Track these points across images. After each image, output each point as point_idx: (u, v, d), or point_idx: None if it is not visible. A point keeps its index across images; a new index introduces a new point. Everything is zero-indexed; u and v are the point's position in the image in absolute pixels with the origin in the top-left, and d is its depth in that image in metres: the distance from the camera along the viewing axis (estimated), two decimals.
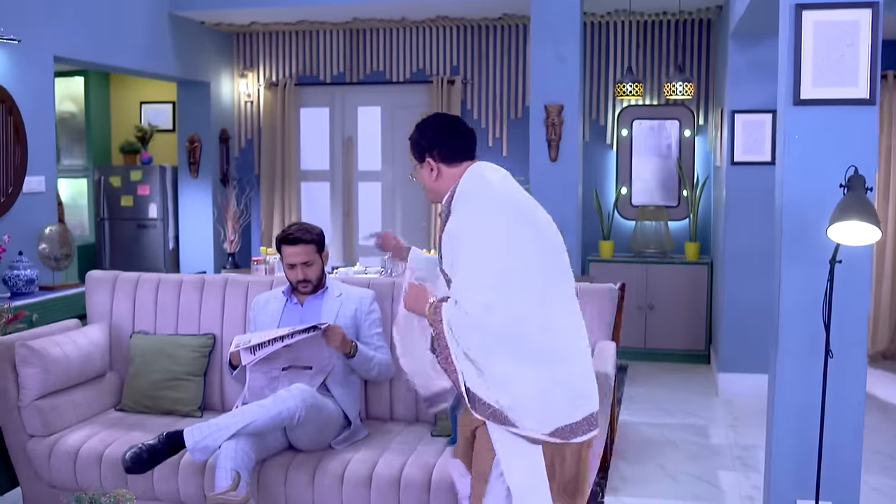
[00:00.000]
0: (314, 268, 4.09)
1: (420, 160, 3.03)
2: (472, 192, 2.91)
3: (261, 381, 3.91)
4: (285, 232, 4.09)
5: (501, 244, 2.77)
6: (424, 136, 3.01)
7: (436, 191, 3.03)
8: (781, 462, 3.73)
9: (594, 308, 4.10)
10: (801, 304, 3.65)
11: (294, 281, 4.10)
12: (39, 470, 3.96)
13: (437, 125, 3.03)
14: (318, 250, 4.11)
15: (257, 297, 4.26)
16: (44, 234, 5.96)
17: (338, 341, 3.86)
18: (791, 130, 3.64)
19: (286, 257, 4.07)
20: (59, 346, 4.10)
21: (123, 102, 9.12)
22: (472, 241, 2.78)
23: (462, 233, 2.81)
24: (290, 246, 4.05)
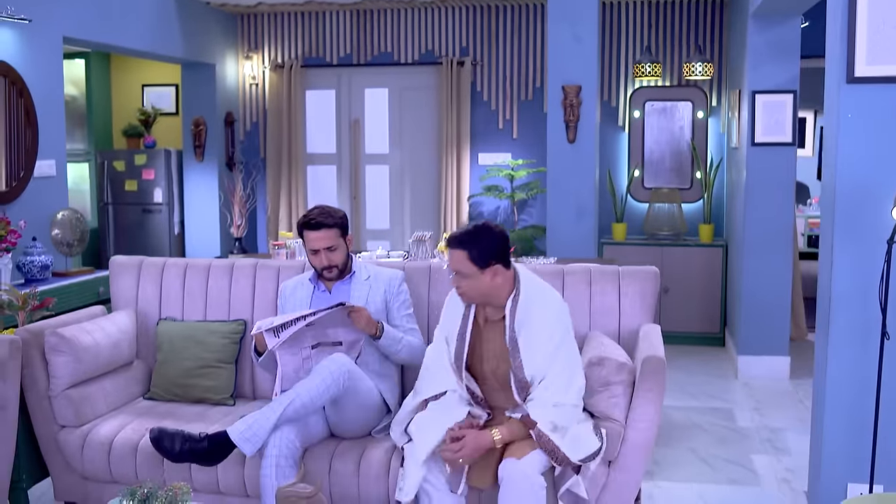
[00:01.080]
0: (338, 253, 3.92)
1: (485, 266, 3.31)
2: (538, 293, 3.42)
3: (293, 364, 3.73)
4: (307, 216, 3.90)
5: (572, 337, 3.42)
6: (489, 242, 3.33)
7: (489, 294, 3.37)
8: (833, 445, 3.68)
9: (636, 290, 4.02)
10: (855, 286, 3.59)
11: (319, 267, 3.94)
12: (71, 461, 3.85)
13: (497, 232, 3.36)
14: (342, 234, 3.94)
15: (284, 284, 4.13)
16: (56, 220, 5.83)
17: (363, 322, 3.70)
18: (844, 110, 3.57)
19: (309, 243, 3.90)
20: (89, 334, 3.99)
21: (125, 85, 8.96)
22: (564, 337, 3.36)
23: (557, 331, 3.34)
24: (312, 231, 3.87)
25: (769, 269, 6.45)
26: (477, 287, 3.36)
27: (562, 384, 3.30)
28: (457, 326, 3.49)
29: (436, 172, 8.40)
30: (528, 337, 3.33)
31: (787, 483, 4.57)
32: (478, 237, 3.33)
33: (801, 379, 6.47)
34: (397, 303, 3.97)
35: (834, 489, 3.70)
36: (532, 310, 3.36)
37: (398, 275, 4.03)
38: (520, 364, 3.33)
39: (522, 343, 3.33)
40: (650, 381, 3.38)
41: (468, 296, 3.40)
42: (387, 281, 3.98)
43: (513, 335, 3.34)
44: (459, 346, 3.46)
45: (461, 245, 3.32)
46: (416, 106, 8.44)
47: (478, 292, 3.38)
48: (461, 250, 3.32)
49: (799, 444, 5.11)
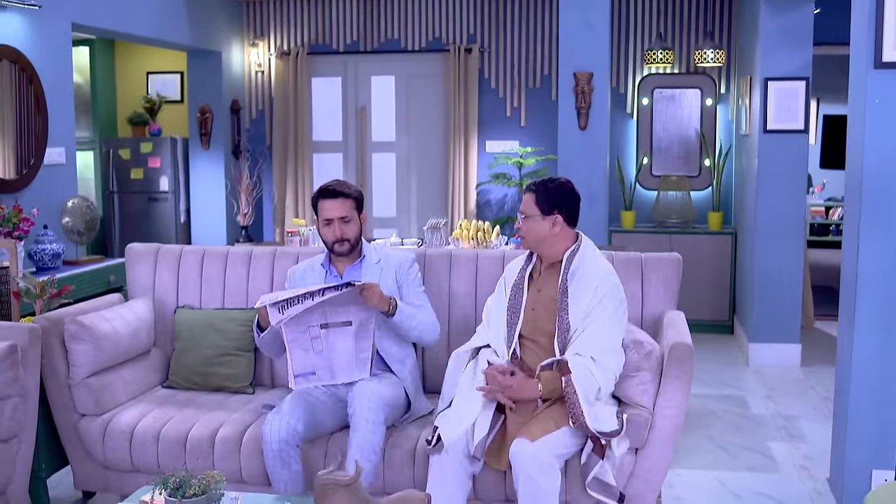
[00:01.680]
0: (352, 226, 3.82)
1: (547, 213, 3.47)
2: (599, 259, 3.53)
3: (301, 343, 3.57)
4: (324, 185, 3.86)
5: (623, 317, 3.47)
6: (558, 192, 3.49)
7: (548, 243, 3.50)
8: (857, 432, 3.67)
9: (659, 277, 4.00)
10: (882, 270, 3.57)
11: (331, 240, 3.82)
12: (92, 450, 3.83)
13: (568, 188, 3.53)
14: (357, 207, 3.86)
15: (292, 268, 4.01)
16: (66, 208, 5.79)
17: (375, 298, 3.59)
18: (872, 95, 3.54)
19: (323, 212, 3.81)
20: (108, 322, 3.95)
21: (129, 73, 8.89)
22: (616, 309, 3.41)
23: (607, 295, 3.40)
24: (328, 199, 3.79)
25: (780, 256, 6.44)
26: (535, 231, 3.50)
27: (602, 343, 3.34)
28: (512, 281, 3.64)
29: (443, 160, 8.37)
30: (577, 288, 3.43)
31: (805, 470, 4.57)
32: (548, 186, 3.53)
33: (812, 367, 6.47)
34: (409, 282, 3.90)
35: (858, 476, 3.70)
36: (587, 266, 3.48)
37: (409, 256, 3.97)
38: (566, 309, 3.41)
39: (572, 291, 3.43)
40: (678, 367, 3.36)
41: (526, 238, 3.58)
42: (397, 263, 3.91)
43: (565, 282, 3.45)
44: (517, 297, 3.58)
45: (532, 188, 3.55)
46: (424, 93, 8.40)
47: (535, 236, 3.52)
48: (531, 193, 3.53)
49: (815, 432, 5.12)
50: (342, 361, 3.62)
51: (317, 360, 3.58)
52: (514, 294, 3.59)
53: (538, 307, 3.52)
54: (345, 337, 3.62)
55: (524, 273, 3.61)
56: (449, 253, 4.24)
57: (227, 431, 3.68)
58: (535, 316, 3.52)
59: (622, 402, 3.44)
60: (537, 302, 3.53)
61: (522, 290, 3.57)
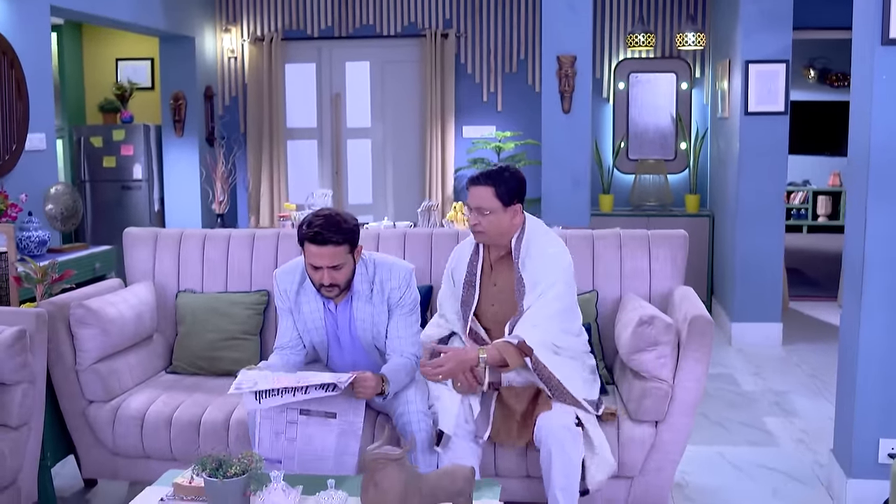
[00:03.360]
0: (344, 270, 3.31)
1: (508, 204, 3.40)
2: (545, 237, 3.48)
3: (273, 425, 3.16)
4: (311, 226, 3.23)
5: (572, 286, 3.46)
6: (515, 181, 3.41)
7: (506, 234, 3.44)
8: (865, 404, 3.73)
9: (666, 254, 4.04)
10: (891, 244, 3.64)
11: (317, 283, 3.36)
12: (101, 436, 3.76)
13: (521, 174, 3.47)
14: (351, 249, 3.31)
15: (280, 276, 3.53)
16: (49, 194, 5.67)
17: (369, 392, 3.17)
18: (879, 71, 3.60)
19: (309, 257, 3.28)
20: (114, 306, 3.88)
21: (98, 59, 8.73)
22: (560, 279, 3.37)
23: (558, 281, 3.36)
24: (315, 246, 3.24)
25: (761, 237, 6.53)
26: (497, 225, 3.41)
27: (544, 312, 3.32)
28: (463, 275, 3.55)
29: (419, 146, 8.35)
30: (529, 274, 3.40)
31: (803, 443, 4.65)
32: (504, 176, 3.41)
33: (794, 345, 6.58)
34: (399, 308, 3.44)
35: (865, 445, 3.76)
36: (534, 246, 3.43)
37: (404, 278, 3.45)
38: (521, 298, 3.39)
39: (527, 278, 3.40)
40: (699, 340, 3.40)
41: (486, 234, 3.44)
42: (391, 289, 3.43)
43: (518, 271, 3.42)
44: (468, 293, 3.52)
45: (488, 181, 3.39)
46: (399, 79, 8.37)
47: (496, 230, 3.42)
48: (488, 187, 3.38)
49: (807, 407, 5.21)
50: (314, 457, 3.18)
51: (286, 449, 3.17)
52: (466, 290, 3.54)
53: (497, 303, 3.50)
54: (326, 430, 3.19)
55: (475, 269, 3.53)
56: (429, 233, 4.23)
57: (242, 414, 3.62)
58: (497, 311, 3.51)
59: (640, 375, 3.46)
60: (496, 298, 3.50)
61: (475, 286, 3.52)
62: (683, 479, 4.18)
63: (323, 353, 3.57)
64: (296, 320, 3.52)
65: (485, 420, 3.38)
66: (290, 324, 3.53)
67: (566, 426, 3.24)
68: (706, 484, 4.16)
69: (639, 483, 3.49)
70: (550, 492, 3.23)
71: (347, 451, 3.18)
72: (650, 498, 3.52)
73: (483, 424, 3.38)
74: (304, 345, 3.54)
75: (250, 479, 2.65)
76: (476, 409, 3.38)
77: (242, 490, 2.63)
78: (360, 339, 3.50)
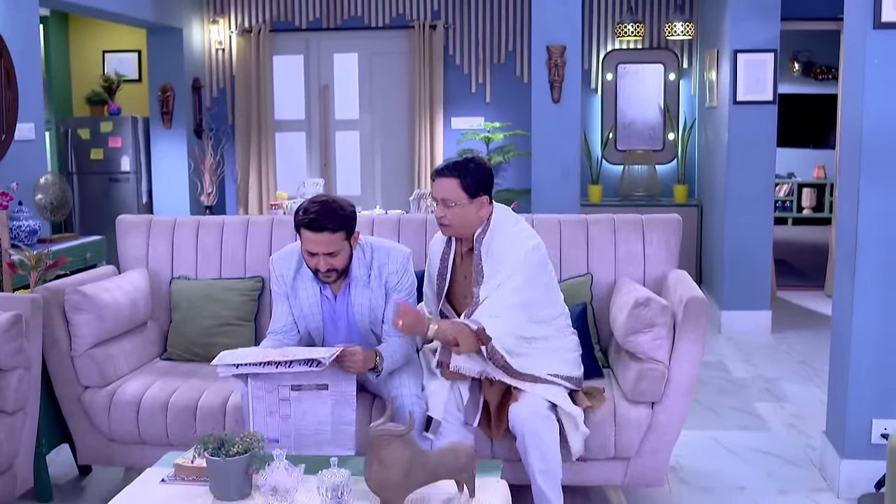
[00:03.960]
0: (341, 257, 3.31)
1: (474, 196, 3.35)
2: (514, 223, 3.45)
3: (266, 405, 3.14)
4: (307, 213, 3.22)
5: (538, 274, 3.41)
6: (481, 172, 3.36)
7: (472, 226, 3.39)
8: (859, 385, 3.77)
9: (660, 238, 4.06)
10: (883, 226, 3.67)
11: (313, 269, 3.35)
12: (97, 422, 3.75)
13: (487, 166, 3.42)
14: (348, 236, 3.30)
15: (277, 260, 3.53)
16: (39, 184, 5.65)
17: (359, 366, 3.17)
18: (871, 55, 3.63)
19: (306, 244, 3.27)
20: (108, 292, 3.87)
21: (85, 52, 8.69)
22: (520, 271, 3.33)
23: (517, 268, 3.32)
24: (312, 232, 3.23)
25: (751, 225, 6.58)
26: (463, 217, 3.37)
27: (502, 303, 3.30)
28: (436, 268, 3.55)
29: (408, 137, 8.35)
30: (490, 266, 3.36)
31: (795, 427, 4.68)
32: (469, 167, 3.36)
33: (782, 333, 6.62)
34: (397, 289, 3.45)
35: (859, 426, 3.80)
36: (496, 240, 3.39)
37: (401, 263, 3.46)
38: (478, 286, 3.37)
39: (486, 269, 3.37)
40: (694, 321, 3.42)
41: (452, 227, 3.41)
42: (388, 274, 3.44)
43: (479, 263, 3.39)
44: (440, 285, 3.52)
45: (454, 172, 3.35)
46: (388, 71, 8.37)
47: (462, 223, 3.39)
48: (453, 178, 3.34)
49: (797, 393, 5.25)
50: (311, 432, 3.17)
51: (282, 427, 3.15)
52: (439, 281, 3.54)
53: (469, 295, 3.47)
54: (320, 403, 3.17)
55: (447, 262, 3.52)
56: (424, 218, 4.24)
57: (238, 398, 3.61)
58: (464, 301, 3.49)
59: (636, 357, 3.48)
60: (468, 290, 3.48)
61: (445, 279, 3.52)
62: (678, 463, 4.21)
63: (318, 339, 3.57)
64: (292, 306, 3.51)
65: (474, 407, 3.39)
66: (285, 309, 3.53)
67: (536, 413, 3.25)
68: (701, 467, 4.19)
69: (635, 464, 3.51)
70: (531, 476, 3.26)
71: (343, 421, 3.18)
72: (646, 479, 3.54)
73: (472, 411, 3.38)
74: (299, 330, 3.54)
75: (253, 458, 2.65)
76: (465, 397, 3.39)
77: (245, 469, 2.64)
78: (357, 325, 3.50)
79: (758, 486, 3.98)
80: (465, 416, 3.38)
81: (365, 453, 2.74)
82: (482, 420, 3.39)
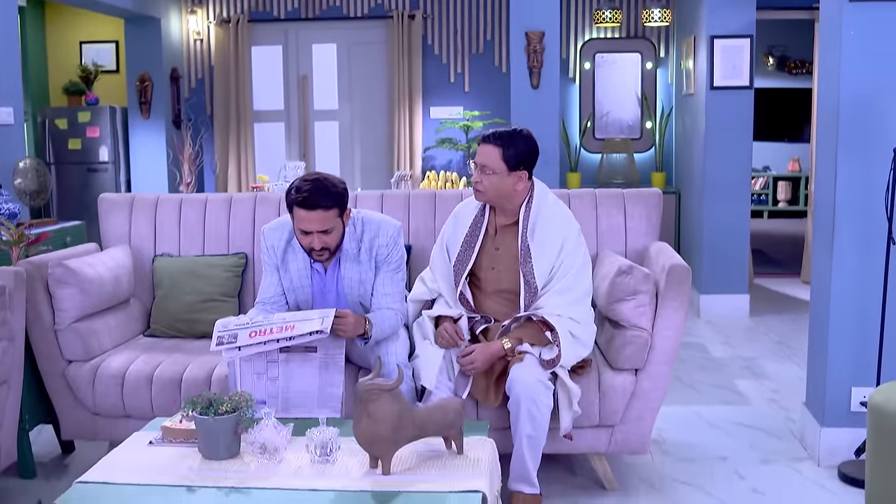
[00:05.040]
0: (334, 234, 3.30)
1: (514, 169, 3.37)
2: (555, 206, 3.50)
3: (255, 367, 3.20)
4: (300, 191, 3.21)
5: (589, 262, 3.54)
6: (525, 146, 3.39)
7: (508, 198, 3.42)
8: (838, 352, 3.82)
9: (641, 212, 4.11)
10: (858, 195, 3.73)
11: (307, 248, 3.35)
12: (81, 396, 3.73)
13: (533, 140, 3.43)
14: (340, 213, 3.29)
15: (268, 233, 3.53)
16: (18, 168, 5.60)
17: (349, 330, 3.21)
18: (847, 27, 3.69)
19: (298, 222, 3.26)
20: (92, 267, 3.86)
21: (61, 42, 8.64)
22: (584, 257, 3.46)
23: (575, 247, 3.43)
24: (305, 210, 3.22)
25: (728, 210, 6.64)
26: (498, 187, 3.40)
27: (578, 301, 3.42)
28: (463, 234, 3.53)
29: (387, 127, 8.37)
30: (539, 244, 3.41)
31: (775, 402, 4.74)
32: (515, 139, 3.38)
33: (760, 316, 6.69)
34: (385, 265, 3.47)
35: (838, 395, 3.85)
36: (545, 219, 3.44)
37: (391, 236, 3.46)
38: (531, 269, 3.40)
39: (534, 249, 3.41)
40: (677, 289, 3.46)
41: (486, 194, 3.43)
42: (378, 247, 3.44)
43: (525, 241, 3.41)
44: (465, 253, 3.50)
45: (498, 141, 3.37)
46: (366, 61, 8.38)
47: (497, 192, 3.41)
48: (496, 147, 3.37)
49: (776, 371, 5.31)
50: (300, 394, 3.21)
51: (269, 388, 3.19)
52: (464, 249, 3.51)
53: (499, 266, 3.51)
54: (308, 366, 3.22)
55: (479, 229, 3.52)
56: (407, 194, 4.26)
57: (223, 371, 3.60)
58: (497, 275, 3.52)
59: (619, 325, 3.52)
60: (498, 261, 3.51)
61: (474, 248, 3.50)
62: (660, 436, 4.25)
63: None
64: (281, 277, 3.53)
65: (464, 378, 3.42)
66: (274, 279, 3.54)
67: (539, 380, 3.28)
68: (683, 440, 4.23)
69: (619, 431, 3.54)
70: (517, 440, 3.29)
71: (331, 384, 3.21)
72: (631, 446, 3.57)
73: (463, 382, 3.41)
74: (287, 301, 3.55)
75: (241, 417, 2.66)
76: (457, 367, 3.42)
77: (233, 428, 2.64)
78: (347, 298, 3.51)
79: (740, 456, 4.02)
80: (455, 387, 3.40)
81: (352, 418, 2.76)
82: (474, 388, 3.41)
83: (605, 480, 3.66)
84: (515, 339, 3.36)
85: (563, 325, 3.33)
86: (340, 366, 3.23)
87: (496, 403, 3.40)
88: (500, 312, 3.51)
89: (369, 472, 2.54)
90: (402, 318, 3.56)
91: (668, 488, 3.69)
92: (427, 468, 2.58)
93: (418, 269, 3.91)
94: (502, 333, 3.41)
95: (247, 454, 2.67)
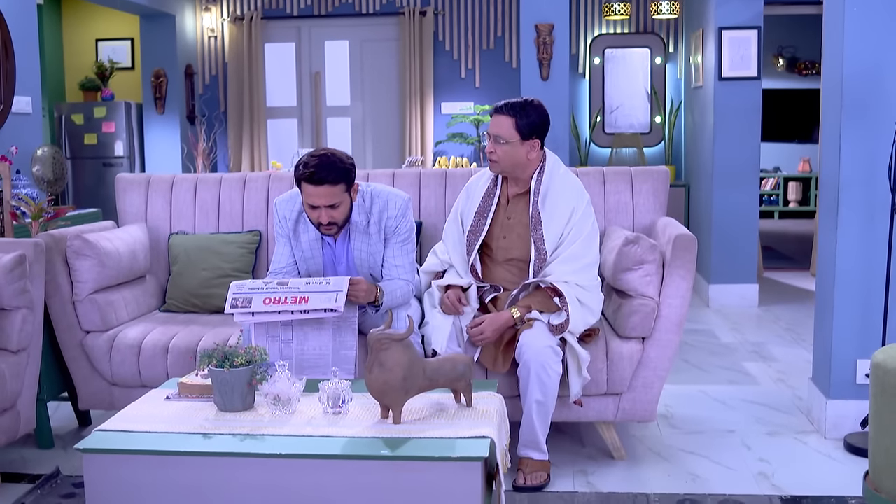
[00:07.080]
0: (341, 209, 3.36)
1: (527, 138, 3.45)
2: (566, 176, 3.56)
3: (269, 330, 3.27)
4: (307, 166, 3.26)
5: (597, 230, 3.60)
6: (537, 115, 3.47)
7: (522, 167, 3.50)
8: (843, 326, 3.86)
9: (648, 188, 4.16)
10: (863, 167, 3.78)
11: (315, 222, 3.41)
12: (98, 366, 3.81)
13: (544, 110, 3.52)
14: (348, 188, 3.35)
15: (280, 203, 3.60)
16: (36, 156, 5.71)
17: (361, 295, 3.28)
18: (851, 3, 3.75)
19: (307, 197, 3.32)
20: (110, 241, 3.94)
21: (78, 39, 8.77)
22: (592, 226, 3.52)
23: (583, 216, 3.49)
24: (312, 185, 3.27)
25: (737, 200, 6.69)
26: (511, 156, 3.47)
27: (586, 267, 3.48)
28: (476, 205, 3.60)
29: (399, 123, 8.45)
30: (549, 212, 3.48)
31: (782, 382, 4.78)
32: (527, 109, 3.46)
33: (769, 305, 6.73)
34: (394, 236, 3.53)
35: (843, 367, 3.89)
36: (556, 188, 3.52)
37: (400, 208, 3.52)
38: (541, 236, 3.47)
39: (545, 217, 3.47)
40: (682, 257, 3.51)
41: (500, 164, 3.50)
42: (387, 219, 3.50)
43: (536, 209, 3.48)
44: (479, 223, 3.58)
45: (511, 111, 3.45)
46: (378, 57, 8.48)
47: (510, 162, 3.48)
48: (509, 117, 3.44)
49: (784, 354, 5.35)
50: (314, 356, 3.29)
51: (283, 351, 3.28)
52: (477, 219, 3.59)
53: (510, 234, 3.57)
54: (322, 329, 3.29)
55: (491, 199, 3.60)
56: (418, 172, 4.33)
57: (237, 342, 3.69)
58: (508, 244, 3.59)
59: (626, 294, 3.57)
60: (509, 230, 3.57)
61: (487, 217, 3.57)
62: (668, 412, 4.29)
63: None
64: (293, 248, 3.60)
65: (473, 346, 3.47)
66: (286, 250, 3.61)
67: (549, 346, 3.33)
68: (690, 414, 4.27)
69: (627, 399, 3.60)
70: (526, 406, 3.34)
71: (345, 346, 3.28)
72: (638, 414, 3.62)
73: (471, 350, 3.47)
74: (299, 271, 3.62)
75: (255, 369, 2.72)
76: (466, 335, 3.48)
77: (248, 380, 2.71)
78: (357, 270, 3.58)
79: (746, 429, 4.07)
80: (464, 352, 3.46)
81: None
82: (482, 354, 3.47)
83: (612, 449, 3.71)
84: (524, 307, 3.43)
85: (571, 292, 3.39)
86: (354, 328, 3.30)
87: (504, 370, 3.46)
88: (509, 281, 3.58)
89: (380, 422, 2.60)
90: (414, 289, 3.63)
91: (676, 457, 3.73)
92: (436, 418, 2.64)
93: (429, 245, 3.99)
94: (511, 303, 3.47)
95: (261, 406, 2.74)
